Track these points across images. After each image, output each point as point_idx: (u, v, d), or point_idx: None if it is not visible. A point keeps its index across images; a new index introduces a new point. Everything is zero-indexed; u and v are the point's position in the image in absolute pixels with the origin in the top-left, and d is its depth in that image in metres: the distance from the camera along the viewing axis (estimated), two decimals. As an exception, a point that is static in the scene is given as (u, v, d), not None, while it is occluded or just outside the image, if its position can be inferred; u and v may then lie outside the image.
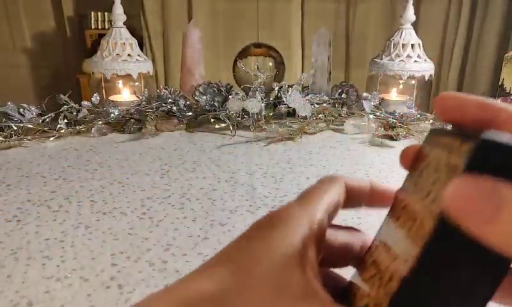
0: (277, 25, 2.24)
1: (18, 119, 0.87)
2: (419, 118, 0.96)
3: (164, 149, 0.82)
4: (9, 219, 0.54)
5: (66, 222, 0.54)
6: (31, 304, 0.39)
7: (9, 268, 0.44)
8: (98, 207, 0.58)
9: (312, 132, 0.94)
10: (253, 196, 0.63)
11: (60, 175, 0.69)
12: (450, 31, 2.06)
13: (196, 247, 0.49)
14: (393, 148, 0.85)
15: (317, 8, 2.22)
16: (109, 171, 0.71)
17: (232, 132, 0.92)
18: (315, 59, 1.08)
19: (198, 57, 1.10)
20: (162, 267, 0.45)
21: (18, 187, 0.64)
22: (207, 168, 0.73)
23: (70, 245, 0.49)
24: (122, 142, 0.86)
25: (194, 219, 0.56)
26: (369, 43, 2.20)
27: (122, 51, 1.04)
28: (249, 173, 0.71)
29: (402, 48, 1.07)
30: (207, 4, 2.21)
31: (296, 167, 0.75)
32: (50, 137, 0.86)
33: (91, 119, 0.93)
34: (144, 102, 0.98)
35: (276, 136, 0.89)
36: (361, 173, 0.72)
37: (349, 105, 1.04)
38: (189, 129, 0.94)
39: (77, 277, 0.43)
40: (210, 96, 0.99)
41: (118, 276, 0.43)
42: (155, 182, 0.67)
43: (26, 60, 2.65)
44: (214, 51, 2.26)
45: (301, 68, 2.28)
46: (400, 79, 1.08)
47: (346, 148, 0.85)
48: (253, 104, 0.89)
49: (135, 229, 0.53)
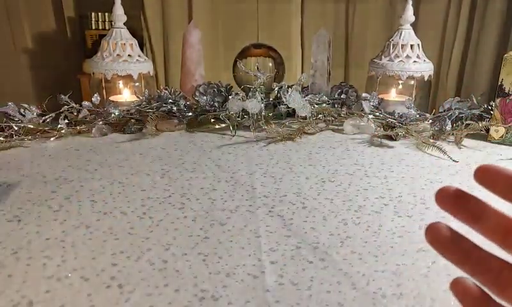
0: (277, 26, 2.25)
1: (18, 119, 0.87)
2: (418, 118, 0.96)
3: (164, 150, 0.82)
4: (9, 219, 0.54)
5: (67, 222, 0.54)
6: (31, 303, 0.39)
7: (10, 267, 0.45)
8: (99, 207, 0.58)
9: (311, 132, 0.94)
10: (253, 196, 0.63)
11: (60, 175, 0.69)
12: (450, 31, 2.06)
13: (196, 247, 0.49)
14: (393, 148, 0.86)
15: (316, 8, 2.22)
16: (109, 171, 0.71)
17: (231, 132, 0.92)
18: (314, 59, 1.08)
19: (198, 57, 1.10)
20: (163, 267, 0.45)
21: (19, 187, 0.64)
22: (207, 168, 0.74)
23: (70, 245, 0.49)
24: (122, 143, 0.86)
25: (194, 219, 0.56)
26: (369, 44, 2.21)
27: (122, 51, 1.04)
28: (249, 173, 0.71)
29: (402, 48, 1.07)
30: (207, 4, 2.22)
31: (295, 167, 0.75)
32: (51, 137, 0.86)
33: (91, 119, 0.93)
34: (144, 102, 0.98)
35: (276, 136, 0.89)
36: (360, 173, 0.72)
37: (349, 106, 1.05)
38: (189, 129, 0.94)
39: (77, 277, 0.43)
40: (210, 97, 0.99)
41: (118, 276, 0.44)
42: (156, 182, 0.67)
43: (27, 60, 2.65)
44: (214, 51, 2.27)
45: (300, 68, 2.29)
46: (399, 79, 1.08)
47: (346, 148, 0.85)
48: (253, 104, 0.90)
49: (135, 229, 0.53)
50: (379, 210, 0.59)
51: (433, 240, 0.20)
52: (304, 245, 0.50)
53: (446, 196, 0.20)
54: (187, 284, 0.43)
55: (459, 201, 0.20)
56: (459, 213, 0.20)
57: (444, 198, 0.20)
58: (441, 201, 0.20)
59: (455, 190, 0.20)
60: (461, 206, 0.20)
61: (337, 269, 0.46)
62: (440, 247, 0.20)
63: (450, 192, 0.20)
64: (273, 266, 0.46)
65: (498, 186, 0.19)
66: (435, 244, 0.20)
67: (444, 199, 0.20)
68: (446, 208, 0.20)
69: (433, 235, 0.20)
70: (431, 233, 0.20)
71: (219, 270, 0.45)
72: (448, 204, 0.20)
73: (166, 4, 2.18)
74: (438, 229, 0.20)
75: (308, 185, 0.67)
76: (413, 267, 0.46)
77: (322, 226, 0.54)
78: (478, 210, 0.20)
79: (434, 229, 0.20)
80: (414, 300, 0.41)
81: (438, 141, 0.87)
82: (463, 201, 0.20)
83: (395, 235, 0.53)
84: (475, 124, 0.88)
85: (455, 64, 2.08)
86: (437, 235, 0.20)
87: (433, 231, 0.20)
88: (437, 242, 0.20)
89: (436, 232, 0.20)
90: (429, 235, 0.20)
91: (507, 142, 0.88)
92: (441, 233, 0.20)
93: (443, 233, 0.20)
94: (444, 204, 0.20)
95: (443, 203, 0.20)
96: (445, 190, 0.20)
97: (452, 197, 0.20)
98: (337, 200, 0.62)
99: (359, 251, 0.49)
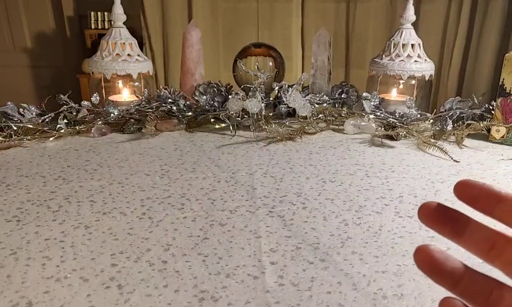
0: (277, 25, 2.24)
1: (18, 119, 0.87)
2: (419, 117, 0.95)
3: (164, 150, 0.82)
4: (9, 219, 0.54)
5: (66, 223, 0.54)
6: (30, 304, 0.39)
7: (8, 268, 0.44)
8: (98, 207, 0.58)
9: (312, 132, 0.94)
10: (253, 196, 0.63)
11: (60, 175, 0.69)
12: (450, 31, 2.06)
13: (196, 247, 0.49)
14: (394, 148, 0.85)
15: (317, 8, 2.22)
16: (108, 171, 0.71)
17: (231, 132, 0.92)
18: (315, 59, 1.08)
19: (198, 57, 1.10)
20: (162, 267, 0.45)
21: (18, 187, 0.64)
22: (207, 168, 0.73)
23: (69, 246, 0.49)
24: (122, 143, 0.86)
25: (194, 219, 0.56)
26: (369, 43, 2.20)
27: (122, 51, 1.04)
28: (249, 173, 0.71)
29: (403, 48, 1.07)
30: (207, 4, 2.21)
31: (295, 167, 0.74)
32: (50, 137, 0.86)
33: (90, 119, 0.92)
34: (144, 102, 0.98)
35: (276, 136, 0.89)
36: (361, 173, 0.72)
37: (349, 105, 1.04)
38: (189, 129, 0.94)
39: (76, 278, 0.43)
40: (210, 96, 0.99)
41: (117, 276, 0.43)
42: (155, 182, 0.67)
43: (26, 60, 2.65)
44: (214, 51, 2.26)
45: (301, 68, 2.28)
46: (400, 79, 1.08)
47: (346, 148, 0.85)
48: (253, 104, 0.89)
49: (135, 229, 0.53)
50: (380, 211, 0.59)
51: (423, 265, 0.20)
52: (305, 246, 0.50)
53: (428, 212, 0.20)
54: (186, 285, 0.42)
55: (441, 217, 0.20)
56: (442, 228, 0.20)
57: (426, 215, 0.20)
58: (424, 218, 0.20)
59: (436, 206, 0.20)
60: (443, 221, 0.20)
61: (338, 270, 0.45)
62: (431, 273, 0.20)
63: (431, 208, 0.20)
64: (273, 266, 0.46)
65: (479, 203, 0.19)
66: (425, 270, 0.20)
67: (426, 216, 0.20)
68: (428, 225, 0.20)
69: (423, 259, 0.20)
70: (420, 257, 0.20)
71: (219, 270, 0.45)
72: (431, 221, 0.20)
73: (165, 4, 2.18)
74: (427, 252, 0.20)
75: (308, 185, 0.67)
76: (414, 268, 0.45)
77: (323, 227, 0.54)
78: (461, 224, 0.20)
79: (423, 252, 0.20)
80: (415, 301, 0.40)
81: (439, 141, 0.87)
82: (445, 216, 0.20)
83: (396, 236, 0.52)
84: (476, 124, 0.88)
85: (456, 64, 2.07)
86: (427, 260, 0.19)
87: (422, 255, 0.20)
88: (428, 268, 0.19)
89: (425, 256, 0.20)
90: (418, 259, 0.20)
91: (508, 142, 0.87)
92: (430, 257, 0.19)
93: (433, 257, 0.19)
94: (426, 221, 0.20)
95: (425, 219, 0.20)
96: (426, 207, 0.20)
97: (434, 213, 0.20)
98: (338, 200, 0.62)
99: (360, 252, 0.49)
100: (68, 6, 2.55)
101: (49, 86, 2.66)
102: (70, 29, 2.59)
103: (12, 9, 2.47)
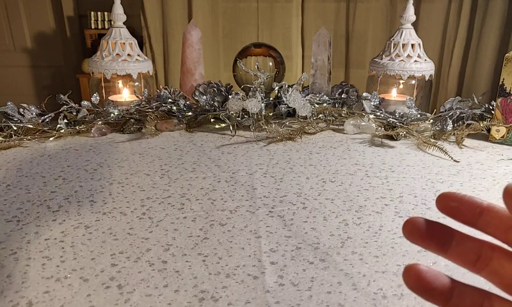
0: (277, 25, 2.24)
1: (18, 119, 0.87)
2: (419, 117, 0.95)
3: (164, 149, 0.82)
4: (9, 219, 0.54)
5: (66, 222, 0.54)
6: (30, 304, 0.39)
7: (9, 268, 0.44)
8: (98, 207, 0.58)
9: (312, 132, 0.94)
10: (253, 196, 0.63)
11: (60, 175, 0.69)
12: (451, 31, 2.06)
13: (196, 247, 0.49)
14: (394, 148, 0.85)
15: (317, 8, 2.22)
16: (108, 171, 0.71)
17: (231, 132, 0.92)
18: (315, 59, 1.08)
19: (198, 57, 1.10)
20: (162, 267, 0.45)
21: (18, 187, 0.64)
22: (207, 168, 0.73)
23: (69, 246, 0.49)
24: (122, 142, 0.86)
25: (194, 219, 0.56)
26: (369, 43, 2.20)
27: (122, 51, 1.04)
28: (249, 173, 0.71)
29: (402, 48, 1.07)
30: (207, 4, 2.21)
31: (296, 167, 0.74)
32: (50, 137, 0.86)
33: (90, 119, 0.92)
34: (144, 101, 0.98)
35: (276, 136, 0.89)
36: (361, 173, 0.72)
37: (349, 105, 1.04)
38: (189, 129, 0.94)
39: (76, 278, 0.43)
40: (210, 96, 0.99)
41: (117, 276, 0.43)
42: (155, 182, 0.67)
43: (26, 60, 2.65)
44: (214, 51, 2.27)
45: (301, 68, 2.29)
46: (400, 79, 1.08)
47: (346, 148, 0.85)
48: (253, 104, 0.89)
49: (135, 229, 0.53)
50: (380, 211, 0.59)
51: (414, 286, 0.19)
52: (305, 246, 0.50)
53: (412, 229, 0.20)
54: (186, 285, 0.42)
55: (426, 233, 0.20)
56: (428, 244, 0.20)
57: (411, 232, 0.20)
58: (408, 235, 0.20)
59: (420, 222, 0.20)
60: (428, 237, 0.20)
61: (338, 270, 0.45)
62: (423, 294, 0.19)
63: (416, 225, 0.20)
64: (273, 266, 0.46)
65: (462, 215, 0.19)
66: (416, 291, 0.19)
67: (411, 233, 0.20)
68: (414, 241, 0.20)
69: (414, 281, 0.19)
70: (411, 278, 0.19)
71: (219, 270, 0.45)
72: (416, 237, 0.20)
73: (165, 4, 2.18)
74: (417, 272, 0.19)
75: (308, 185, 0.67)
76: (414, 268, 0.46)
77: (323, 227, 0.54)
78: (446, 238, 0.20)
79: (412, 272, 0.19)
80: (415, 301, 0.40)
81: (439, 141, 0.87)
82: (430, 231, 0.20)
83: (396, 236, 0.52)
84: (476, 124, 0.88)
85: (456, 64, 2.07)
86: (417, 281, 0.19)
87: (412, 277, 0.19)
88: (419, 289, 0.19)
89: (415, 278, 0.19)
90: (409, 281, 0.19)
91: (509, 142, 0.87)
92: (421, 279, 0.19)
93: (423, 278, 0.19)
94: (411, 238, 0.20)
95: (410, 236, 0.20)
96: (410, 223, 0.20)
97: (419, 229, 0.20)
98: (338, 200, 0.62)
99: (360, 252, 0.49)
100: (68, 6, 2.55)
101: (49, 86, 2.66)
102: (70, 29, 2.59)
103: (12, 9, 2.47)
